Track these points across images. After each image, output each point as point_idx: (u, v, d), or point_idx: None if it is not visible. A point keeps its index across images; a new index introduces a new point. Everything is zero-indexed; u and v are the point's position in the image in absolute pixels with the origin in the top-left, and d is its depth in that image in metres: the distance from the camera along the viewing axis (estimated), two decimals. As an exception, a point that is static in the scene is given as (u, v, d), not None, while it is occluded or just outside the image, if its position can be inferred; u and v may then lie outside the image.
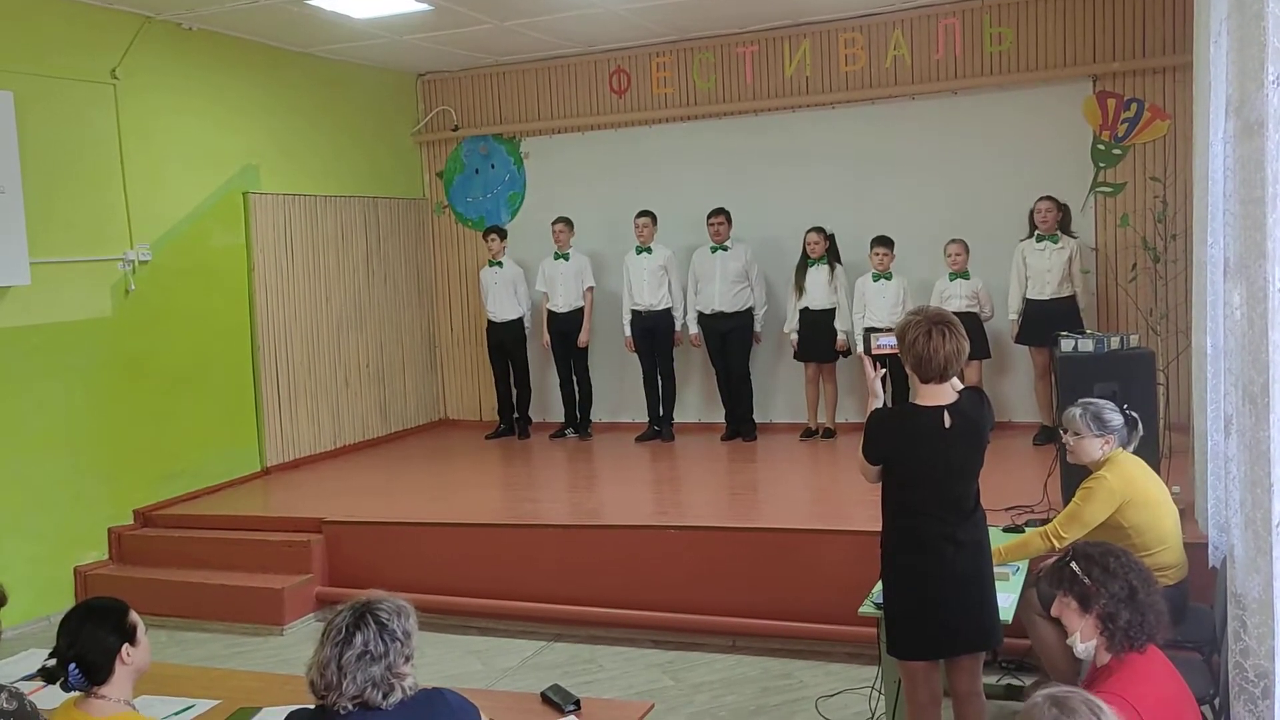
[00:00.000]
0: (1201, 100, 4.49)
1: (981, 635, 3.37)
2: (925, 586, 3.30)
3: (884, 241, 7.36)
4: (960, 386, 3.41)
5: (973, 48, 7.73)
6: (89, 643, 2.56)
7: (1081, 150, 7.52)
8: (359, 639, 2.23)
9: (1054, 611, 2.64)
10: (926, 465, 3.30)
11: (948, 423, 3.28)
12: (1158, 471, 4.22)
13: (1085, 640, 2.59)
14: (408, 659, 2.30)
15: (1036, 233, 7.05)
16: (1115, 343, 5.29)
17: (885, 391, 3.63)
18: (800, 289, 7.68)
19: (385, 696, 2.24)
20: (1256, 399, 2.55)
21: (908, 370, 3.35)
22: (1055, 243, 7.00)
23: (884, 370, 3.59)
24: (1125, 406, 4.06)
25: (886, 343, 3.52)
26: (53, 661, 2.57)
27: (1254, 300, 2.56)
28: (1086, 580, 2.56)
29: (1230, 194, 2.75)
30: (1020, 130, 7.62)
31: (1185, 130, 6.87)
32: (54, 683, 2.59)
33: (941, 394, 3.31)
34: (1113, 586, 2.52)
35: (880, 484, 3.42)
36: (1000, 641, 3.46)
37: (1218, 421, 4.06)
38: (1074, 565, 2.60)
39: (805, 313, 7.67)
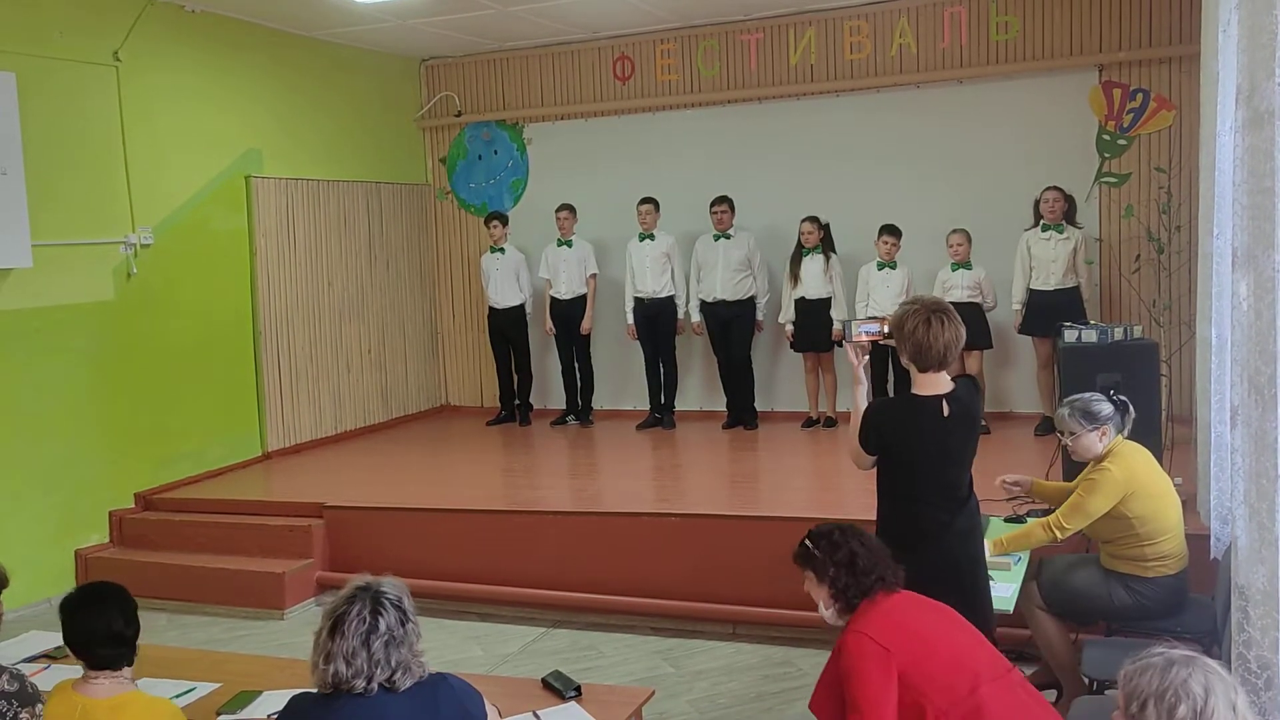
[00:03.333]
0: (1208, 90, 4.46)
1: (976, 622, 3.36)
2: (921, 573, 3.30)
3: (892, 230, 7.33)
4: (951, 375, 3.41)
5: (978, 37, 7.70)
6: (136, 625, 2.63)
7: (1086, 140, 7.50)
8: (383, 624, 2.22)
9: (805, 589, 2.90)
10: (926, 454, 3.31)
11: (946, 411, 3.29)
12: (1160, 463, 4.21)
13: (828, 608, 2.85)
14: (419, 637, 2.30)
15: (1042, 223, 7.03)
16: (1119, 334, 5.29)
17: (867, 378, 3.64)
18: (795, 279, 7.67)
19: (406, 677, 2.24)
20: (1263, 390, 2.54)
21: (904, 360, 3.35)
22: (1060, 233, 6.98)
23: (865, 358, 3.60)
24: (1112, 392, 4.05)
25: (867, 330, 3.53)
26: (106, 650, 2.60)
27: (1261, 290, 2.55)
28: (816, 553, 2.84)
29: (1239, 184, 2.73)
30: (1025, 120, 7.59)
31: (1191, 121, 6.85)
32: (108, 668, 2.61)
33: (940, 383, 3.32)
34: (836, 555, 2.80)
35: (874, 470, 3.43)
36: (994, 628, 3.45)
37: (1222, 413, 4.06)
38: (808, 543, 2.87)
39: (801, 302, 7.65)
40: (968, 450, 3.38)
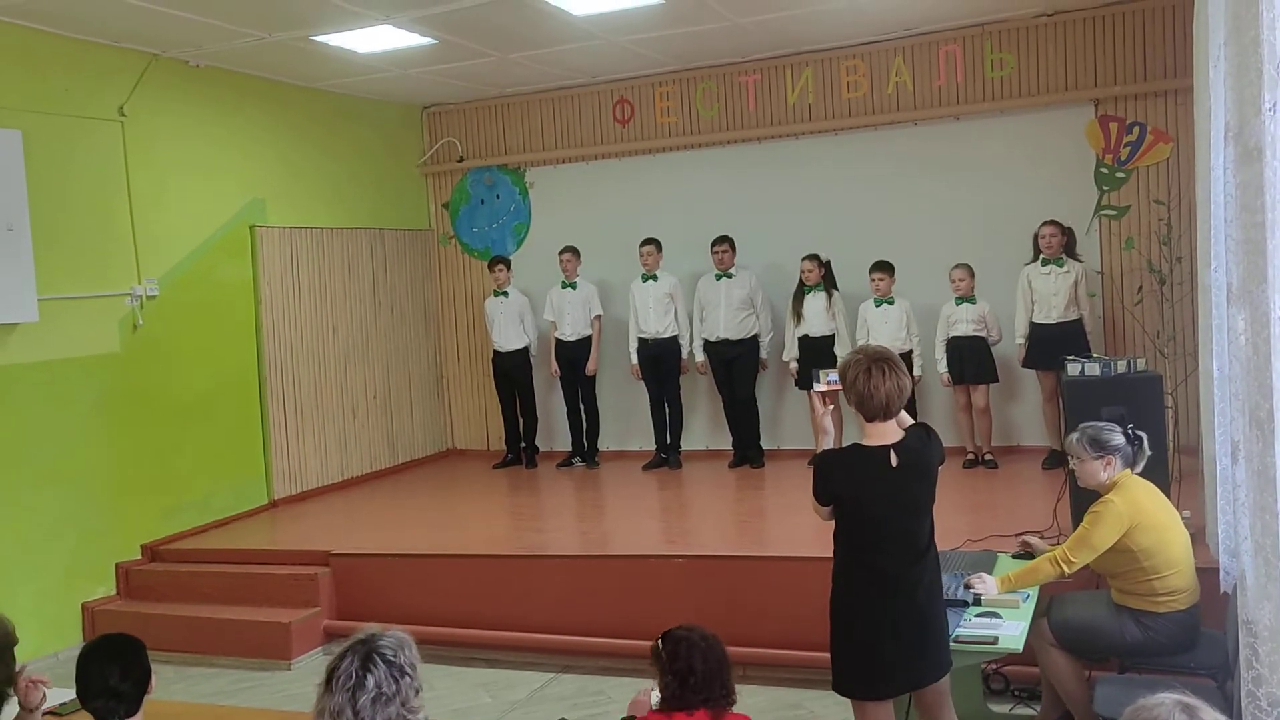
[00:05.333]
0: (1203, 123, 4.49)
1: (933, 671, 3.37)
2: (875, 626, 3.29)
3: (882, 266, 7.36)
4: (909, 423, 3.41)
5: (974, 74, 7.76)
6: (140, 675, 2.67)
7: (1085, 174, 7.53)
8: (370, 681, 2.19)
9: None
10: (876, 505, 3.30)
11: (894, 461, 3.28)
12: (1168, 495, 4.19)
13: (659, 700, 2.95)
14: (418, 692, 2.28)
15: (1041, 257, 7.04)
16: (1122, 366, 5.27)
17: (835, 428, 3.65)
18: (798, 316, 7.68)
19: None
20: (1263, 424, 2.54)
21: (853, 409, 3.35)
22: (1060, 266, 6.99)
23: (832, 406, 3.60)
24: (1131, 427, 4.03)
25: (830, 380, 3.53)
26: (100, 702, 2.64)
27: (1257, 326, 2.55)
28: (662, 654, 2.94)
29: (1231, 219, 2.75)
30: (1023, 155, 7.64)
31: (1188, 153, 6.87)
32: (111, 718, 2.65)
33: (887, 432, 3.32)
34: (675, 665, 2.89)
35: (833, 521, 3.42)
36: (950, 666, 3.43)
37: (1225, 446, 4.04)
38: (659, 642, 2.98)
39: (805, 340, 7.66)
40: (922, 500, 3.35)
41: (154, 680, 2.74)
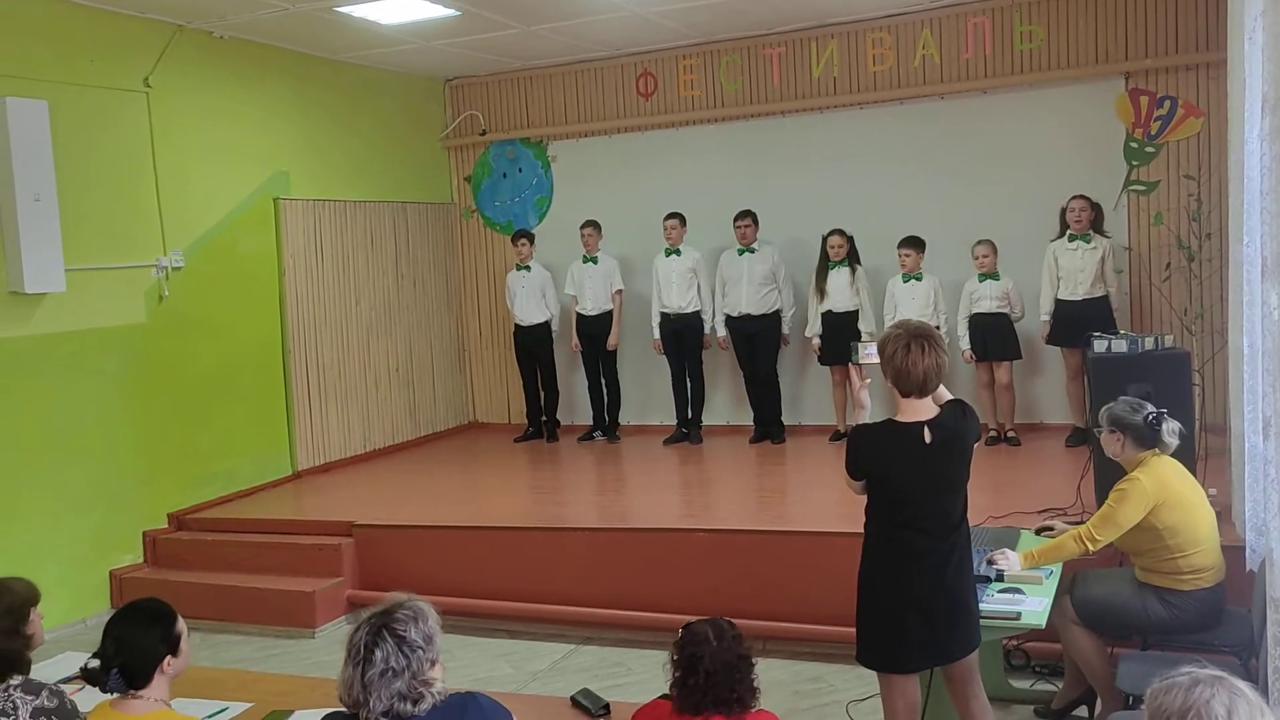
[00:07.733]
0: (1236, 97, 4.42)
1: (961, 647, 3.37)
2: (903, 600, 3.28)
3: (911, 242, 7.31)
4: (946, 399, 3.38)
5: (1002, 46, 7.67)
6: (134, 650, 2.61)
7: (1114, 148, 7.44)
8: (378, 656, 2.21)
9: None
10: (909, 481, 3.28)
11: (928, 438, 3.26)
12: (1193, 473, 4.16)
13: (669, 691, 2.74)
14: (433, 663, 2.28)
15: (1069, 232, 6.97)
16: (1149, 343, 5.22)
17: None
18: (822, 292, 7.64)
19: (415, 704, 2.23)
20: (1295, 400, 2.51)
21: (889, 384, 3.32)
22: (1088, 242, 6.92)
23: (869, 380, 3.57)
24: (1164, 411, 3.96)
25: (871, 352, 3.50)
26: (95, 663, 2.62)
27: (1292, 300, 2.52)
28: (675, 643, 2.75)
29: (1266, 192, 2.71)
30: (1051, 129, 7.54)
31: (1219, 127, 6.78)
32: (95, 685, 2.63)
33: (922, 409, 3.29)
34: (679, 656, 2.69)
35: (865, 496, 3.41)
36: (979, 642, 3.42)
37: (1255, 423, 4.00)
38: (680, 630, 2.77)
39: (828, 315, 7.63)
40: (955, 476, 3.33)
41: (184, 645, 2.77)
